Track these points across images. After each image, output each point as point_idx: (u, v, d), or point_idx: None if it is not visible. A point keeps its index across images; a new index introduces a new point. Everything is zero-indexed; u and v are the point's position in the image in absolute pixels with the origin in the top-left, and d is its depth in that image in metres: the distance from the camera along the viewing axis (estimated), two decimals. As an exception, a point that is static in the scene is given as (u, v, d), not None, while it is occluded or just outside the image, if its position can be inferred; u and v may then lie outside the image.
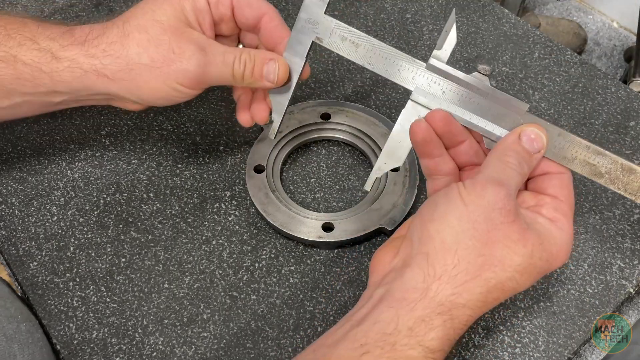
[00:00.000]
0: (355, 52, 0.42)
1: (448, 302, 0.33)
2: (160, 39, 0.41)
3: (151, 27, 0.41)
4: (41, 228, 0.49)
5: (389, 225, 0.47)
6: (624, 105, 0.58)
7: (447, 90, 0.40)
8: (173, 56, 0.40)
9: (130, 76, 0.41)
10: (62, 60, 0.41)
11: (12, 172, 0.53)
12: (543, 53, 0.62)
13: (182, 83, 0.41)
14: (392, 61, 0.41)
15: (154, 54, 0.41)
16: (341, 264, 0.47)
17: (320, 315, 0.45)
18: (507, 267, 0.34)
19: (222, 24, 0.44)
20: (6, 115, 0.46)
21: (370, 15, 0.66)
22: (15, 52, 0.41)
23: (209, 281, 0.46)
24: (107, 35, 0.41)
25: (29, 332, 0.43)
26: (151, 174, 0.53)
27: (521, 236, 0.34)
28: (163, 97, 0.42)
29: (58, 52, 0.41)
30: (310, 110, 0.55)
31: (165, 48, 0.40)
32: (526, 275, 0.35)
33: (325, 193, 0.52)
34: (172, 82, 0.41)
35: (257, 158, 0.52)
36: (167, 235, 0.49)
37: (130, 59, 0.41)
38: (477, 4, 0.67)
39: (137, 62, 0.41)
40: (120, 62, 0.41)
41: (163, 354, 0.43)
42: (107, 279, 0.47)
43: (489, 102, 0.39)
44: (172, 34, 0.41)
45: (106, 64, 0.41)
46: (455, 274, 0.34)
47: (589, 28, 1.37)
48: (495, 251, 0.34)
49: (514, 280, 0.35)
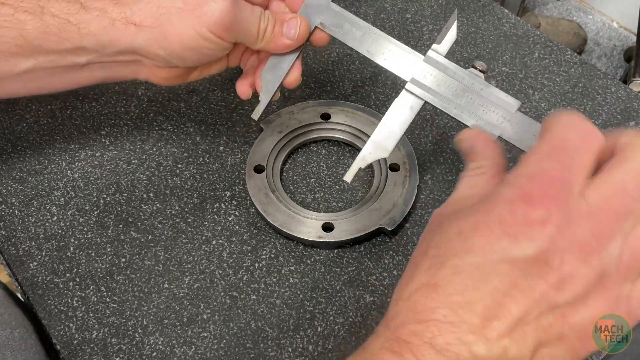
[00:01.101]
0: (356, 40, 0.42)
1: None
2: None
3: None
4: (41, 228, 0.49)
5: (389, 225, 0.47)
6: (624, 105, 0.58)
7: (442, 83, 0.40)
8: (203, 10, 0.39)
9: (159, 22, 0.40)
10: (90, 10, 0.40)
11: (12, 172, 0.53)
12: (543, 53, 0.62)
13: (212, 29, 0.40)
14: (391, 50, 0.42)
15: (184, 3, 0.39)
16: (341, 264, 0.47)
17: (320, 315, 0.45)
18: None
19: None
20: (23, 85, 0.44)
21: (370, 15, 0.66)
22: (44, 3, 0.40)
23: (209, 281, 0.46)
24: None
25: (22, 338, 0.43)
26: (151, 174, 0.53)
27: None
28: (192, 48, 0.41)
29: (87, 1, 0.40)
30: (310, 110, 0.55)
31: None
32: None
33: (325, 193, 0.52)
34: (201, 28, 0.40)
35: (257, 158, 0.52)
36: (167, 235, 0.49)
37: (161, 7, 0.40)
38: (477, 4, 0.67)
39: (169, 5, 0.39)
40: (151, 7, 0.40)
41: (163, 354, 0.43)
42: (107, 279, 0.47)
43: (481, 98, 0.39)
44: None
45: (135, 11, 0.40)
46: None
47: (589, 28, 1.38)
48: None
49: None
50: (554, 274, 0.27)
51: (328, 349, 0.43)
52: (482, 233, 0.28)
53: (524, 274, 0.27)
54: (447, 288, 0.28)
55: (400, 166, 0.51)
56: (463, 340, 0.26)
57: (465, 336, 0.27)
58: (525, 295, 0.27)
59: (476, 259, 0.28)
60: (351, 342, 0.43)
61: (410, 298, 0.29)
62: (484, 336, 0.27)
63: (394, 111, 0.42)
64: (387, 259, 0.48)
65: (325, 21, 0.43)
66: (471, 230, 0.29)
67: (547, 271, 0.27)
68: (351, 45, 0.42)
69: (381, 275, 0.47)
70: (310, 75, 0.47)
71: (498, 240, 0.28)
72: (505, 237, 0.27)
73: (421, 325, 0.27)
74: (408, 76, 0.41)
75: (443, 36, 0.40)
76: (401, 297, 0.29)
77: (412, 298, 0.29)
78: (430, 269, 0.29)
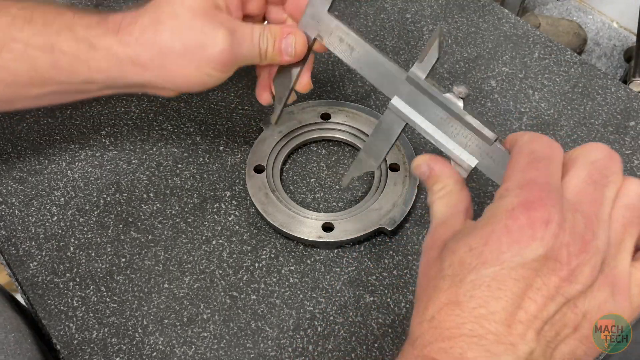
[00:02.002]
0: (350, 56, 0.42)
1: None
2: (191, 25, 0.41)
3: (182, 13, 0.41)
4: (41, 228, 0.49)
5: (389, 225, 0.47)
6: (624, 105, 0.58)
7: (421, 105, 0.39)
8: (204, 41, 0.41)
9: (164, 63, 0.41)
10: (98, 49, 0.42)
11: (12, 172, 0.53)
12: (543, 53, 0.62)
13: (215, 67, 0.42)
14: (382, 69, 0.41)
15: (186, 40, 0.41)
16: (341, 264, 0.47)
17: (320, 315, 0.45)
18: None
19: (250, 3, 0.44)
20: (35, 103, 0.47)
21: (370, 15, 0.66)
22: (54, 41, 0.42)
23: (209, 281, 0.46)
24: (140, 23, 0.41)
25: (17, 342, 0.43)
26: (151, 174, 0.53)
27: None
28: (196, 83, 0.43)
29: (95, 41, 0.41)
30: (310, 110, 0.55)
31: (197, 33, 0.41)
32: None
33: (325, 193, 0.52)
34: (204, 68, 0.42)
35: (257, 158, 0.52)
36: (167, 235, 0.49)
37: (163, 45, 0.41)
38: (477, 4, 0.67)
39: (170, 49, 0.41)
40: (154, 50, 0.41)
41: (163, 354, 0.43)
42: (107, 279, 0.47)
43: (458, 126, 0.38)
44: (202, 18, 0.41)
45: (139, 52, 0.41)
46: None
47: (589, 28, 1.38)
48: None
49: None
50: (565, 268, 0.28)
51: (328, 349, 0.43)
52: (493, 245, 0.29)
53: (537, 273, 0.28)
54: (470, 303, 0.29)
55: (400, 166, 0.51)
56: (492, 352, 0.28)
57: (493, 347, 0.28)
58: (542, 293, 0.28)
59: (491, 269, 0.29)
60: (351, 342, 0.43)
61: (434, 318, 0.30)
62: (510, 344, 0.28)
63: (380, 128, 0.42)
64: (387, 259, 0.48)
65: (321, 33, 0.43)
66: (481, 244, 0.30)
67: (558, 267, 0.28)
68: (346, 61, 0.42)
69: (381, 275, 0.47)
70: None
71: (508, 248, 0.29)
72: (515, 244, 0.29)
73: (450, 342, 0.28)
74: (392, 95, 0.41)
75: (424, 55, 0.38)
76: (424, 319, 0.30)
77: (437, 318, 0.29)
78: (450, 288, 0.30)
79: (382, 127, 0.42)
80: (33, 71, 0.42)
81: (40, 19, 0.42)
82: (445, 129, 0.38)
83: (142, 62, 0.42)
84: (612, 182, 0.31)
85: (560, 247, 0.29)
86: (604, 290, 0.30)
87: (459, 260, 0.30)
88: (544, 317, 0.28)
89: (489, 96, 0.59)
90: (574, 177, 0.31)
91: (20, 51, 0.42)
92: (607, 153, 0.32)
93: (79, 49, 0.42)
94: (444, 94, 0.38)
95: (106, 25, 0.42)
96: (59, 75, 0.43)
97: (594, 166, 0.31)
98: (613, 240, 0.30)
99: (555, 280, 0.28)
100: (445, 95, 0.38)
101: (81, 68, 0.42)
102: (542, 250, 0.28)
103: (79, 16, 0.42)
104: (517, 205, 0.30)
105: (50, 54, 0.42)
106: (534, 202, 0.29)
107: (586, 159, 0.32)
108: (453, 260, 0.31)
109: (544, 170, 0.31)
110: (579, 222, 0.29)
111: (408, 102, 0.40)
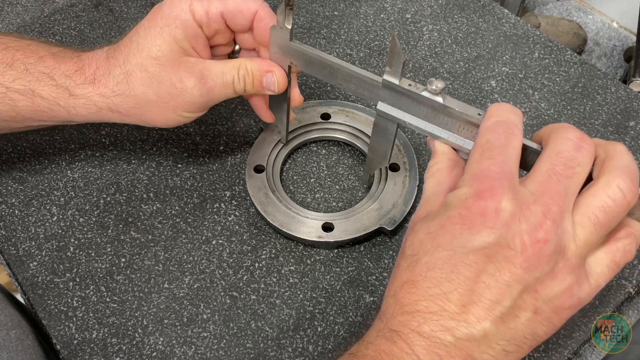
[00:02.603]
0: (324, 75, 0.43)
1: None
2: (161, 76, 0.42)
3: (150, 65, 0.42)
4: (41, 228, 0.49)
5: (389, 225, 0.47)
6: (624, 105, 0.58)
7: (403, 105, 0.40)
8: (176, 91, 0.43)
9: (141, 111, 0.44)
10: (77, 97, 0.43)
11: (12, 172, 0.53)
12: (543, 53, 0.62)
13: (189, 110, 0.44)
14: (358, 81, 0.42)
15: (158, 91, 0.43)
16: (341, 264, 0.47)
17: (320, 315, 0.45)
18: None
19: (216, 36, 0.45)
20: (18, 132, 0.50)
21: (370, 15, 0.66)
22: (34, 87, 0.43)
23: (209, 281, 0.46)
24: (113, 75, 0.43)
25: (19, 339, 0.43)
26: (151, 174, 0.53)
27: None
28: (174, 122, 0.45)
29: (74, 89, 0.43)
30: (310, 110, 0.55)
31: (167, 85, 0.43)
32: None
33: (325, 193, 0.52)
34: (180, 112, 0.44)
35: (257, 158, 0.52)
36: (167, 235, 0.49)
37: (138, 97, 0.43)
38: (477, 4, 0.67)
39: (145, 99, 0.43)
40: (130, 101, 0.43)
41: (163, 354, 0.43)
42: (107, 279, 0.47)
43: (443, 117, 0.38)
44: (170, 68, 0.42)
45: (117, 103, 0.44)
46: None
47: (589, 28, 1.38)
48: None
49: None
50: (520, 256, 0.30)
51: (328, 349, 0.43)
52: (447, 230, 0.31)
53: (490, 259, 0.30)
54: (425, 282, 0.31)
55: (400, 166, 0.51)
56: (445, 327, 0.30)
57: (447, 322, 0.30)
58: (496, 279, 0.30)
59: (444, 253, 0.31)
60: (351, 342, 0.43)
61: (396, 294, 0.32)
62: (464, 321, 0.30)
63: (376, 130, 0.43)
64: (387, 259, 0.48)
65: (292, 60, 0.44)
66: (437, 229, 0.32)
67: (513, 254, 0.30)
68: (325, 80, 0.43)
69: (381, 275, 0.47)
70: (310, 75, 0.47)
71: (460, 233, 0.31)
72: (466, 230, 0.31)
73: (408, 316, 0.31)
74: (376, 101, 0.41)
75: (391, 60, 0.38)
76: (389, 294, 0.33)
77: (398, 294, 0.32)
78: (408, 267, 0.33)
79: (378, 130, 0.43)
80: (13, 112, 0.44)
81: (22, 65, 0.44)
82: (435, 121, 0.39)
83: (120, 111, 0.44)
84: (576, 174, 0.32)
85: (514, 236, 0.30)
86: (567, 277, 0.31)
87: (419, 241, 0.33)
88: (500, 302, 0.30)
89: (489, 96, 0.59)
90: (537, 168, 0.32)
91: (2, 94, 0.43)
92: (575, 143, 0.32)
93: (59, 96, 0.43)
94: (422, 92, 0.38)
95: (83, 74, 0.43)
96: (39, 116, 0.45)
97: (559, 157, 0.32)
98: (581, 236, 0.31)
99: (510, 267, 0.30)
100: (422, 94, 0.38)
101: (61, 112, 0.44)
102: (492, 238, 0.30)
103: (59, 61, 0.44)
104: (470, 195, 0.31)
105: (31, 98, 0.44)
106: (485, 191, 0.31)
107: (552, 149, 0.32)
108: (414, 240, 0.33)
109: (498, 158, 0.32)
110: (536, 213, 0.30)
111: (392, 105, 0.41)
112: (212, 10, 0.42)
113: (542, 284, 0.30)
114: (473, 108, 0.37)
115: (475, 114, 0.37)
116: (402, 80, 0.39)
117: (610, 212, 0.31)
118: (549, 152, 0.32)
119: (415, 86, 0.39)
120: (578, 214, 0.31)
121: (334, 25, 0.65)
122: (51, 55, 0.44)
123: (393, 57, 0.38)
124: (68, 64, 0.44)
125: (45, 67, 0.43)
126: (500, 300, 0.30)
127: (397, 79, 0.39)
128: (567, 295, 0.31)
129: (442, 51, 0.62)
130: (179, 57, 0.42)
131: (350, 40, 0.64)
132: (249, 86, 0.44)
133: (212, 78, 0.43)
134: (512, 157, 0.32)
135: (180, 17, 0.42)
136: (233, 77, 0.43)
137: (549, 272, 0.30)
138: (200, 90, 0.43)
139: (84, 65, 0.44)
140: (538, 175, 0.32)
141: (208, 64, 0.43)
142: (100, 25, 0.65)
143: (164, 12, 0.42)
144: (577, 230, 0.31)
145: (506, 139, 0.33)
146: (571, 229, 0.31)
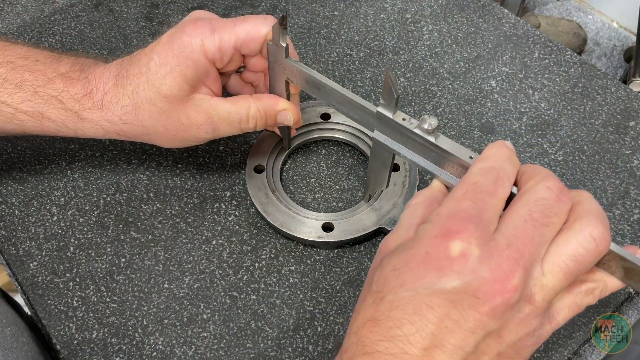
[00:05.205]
0: (320, 94, 0.44)
1: None
2: (169, 112, 0.43)
3: (158, 101, 0.43)
4: (41, 228, 0.49)
5: (389, 225, 0.47)
6: (623, 105, 0.58)
7: (396, 139, 0.40)
8: (183, 127, 0.44)
9: (149, 138, 0.46)
10: (86, 121, 0.44)
11: (12, 172, 0.53)
12: (543, 53, 0.62)
13: (196, 142, 0.46)
14: (353, 106, 0.42)
15: (165, 124, 0.44)
16: (341, 264, 0.47)
17: (320, 315, 0.45)
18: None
19: (228, 65, 0.45)
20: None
21: (370, 15, 0.66)
22: (43, 110, 0.44)
23: (209, 281, 0.46)
24: (121, 105, 0.43)
25: (14, 336, 0.43)
26: (151, 174, 0.53)
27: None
28: (183, 146, 0.47)
29: (82, 113, 0.44)
30: (310, 110, 0.55)
31: (175, 120, 0.44)
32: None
33: (325, 193, 0.52)
34: (187, 142, 0.46)
35: (257, 158, 0.52)
36: (167, 235, 0.49)
37: (146, 127, 0.44)
38: (477, 4, 0.67)
39: (152, 130, 0.44)
40: (138, 130, 0.45)
41: (163, 354, 0.43)
42: (107, 279, 0.47)
43: (434, 154, 0.38)
44: (178, 106, 0.43)
45: (125, 130, 0.45)
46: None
47: (589, 28, 1.38)
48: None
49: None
50: (486, 305, 0.29)
51: (328, 349, 0.43)
52: (411, 268, 0.30)
53: (454, 305, 0.29)
54: (387, 322, 0.30)
55: (400, 166, 0.51)
56: None
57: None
58: (459, 325, 0.29)
59: (408, 293, 0.30)
60: (351, 342, 0.43)
61: (357, 332, 0.31)
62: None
63: (374, 156, 0.44)
64: (387, 259, 0.48)
65: (290, 77, 0.44)
66: (402, 265, 0.31)
67: (478, 303, 0.29)
68: (319, 99, 0.44)
69: (381, 275, 0.47)
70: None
71: (425, 274, 0.29)
72: (432, 271, 0.29)
73: (368, 357, 0.29)
74: (372, 129, 0.41)
75: (384, 96, 0.38)
76: (351, 331, 0.32)
77: (359, 332, 0.31)
78: (372, 304, 0.31)
79: (375, 155, 0.44)
80: (21, 131, 0.46)
81: (31, 87, 0.44)
82: (427, 157, 0.39)
83: (127, 135, 0.45)
84: (553, 224, 0.31)
85: (481, 283, 0.29)
86: (533, 322, 0.30)
87: (384, 277, 0.31)
88: (464, 347, 0.29)
89: (489, 96, 0.59)
90: (513, 212, 0.31)
91: (10, 114, 0.44)
92: (556, 193, 0.31)
93: (67, 119, 0.44)
94: (414, 129, 0.38)
95: (92, 99, 0.44)
96: (46, 134, 0.46)
97: (537, 204, 0.31)
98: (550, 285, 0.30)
99: (475, 315, 0.29)
100: (415, 131, 0.38)
101: (68, 132, 0.46)
102: (457, 283, 0.29)
103: (67, 83, 0.44)
104: (439, 233, 0.30)
105: (39, 120, 0.44)
106: (455, 232, 0.30)
107: (531, 196, 0.31)
108: (380, 276, 0.32)
109: (480, 204, 0.31)
110: (508, 259, 0.29)
111: (387, 135, 0.41)
112: (224, 45, 0.42)
113: (507, 329, 0.30)
114: (465, 150, 0.36)
115: (467, 156, 0.36)
116: (397, 113, 0.39)
117: (581, 260, 0.30)
118: (527, 198, 0.31)
119: (409, 121, 0.38)
120: (549, 262, 0.30)
121: (334, 25, 0.65)
122: (59, 76, 0.44)
123: (386, 93, 0.38)
124: (76, 87, 0.44)
125: (53, 90, 0.44)
126: (463, 346, 0.29)
127: (391, 113, 0.39)
128: (529, 336, 0.31)
129: (442, 51, 0.62)
130: (188, 95, 0.43)
131: (350, 40, 0.64)
132: (261, 124, 0.46)
133: (219, 117, 0.44)
134: (494, 208, 0.31)
135: (192, 57, 0.42)
136: (240, 117, 0.44)
137: (514, 318, 0.30)
138: (206, 128, 0.44)
139: (92, 89, 0.44)
140: (514, 219, 0.30)
141: (214, 102, 0.44)
142: (100, 25, 0.65)
143: (175, 51, 0.42)
144: (547, 277, 0.30)
145: (494, 188, 0.32)
146: (541, 276, 0.30)
